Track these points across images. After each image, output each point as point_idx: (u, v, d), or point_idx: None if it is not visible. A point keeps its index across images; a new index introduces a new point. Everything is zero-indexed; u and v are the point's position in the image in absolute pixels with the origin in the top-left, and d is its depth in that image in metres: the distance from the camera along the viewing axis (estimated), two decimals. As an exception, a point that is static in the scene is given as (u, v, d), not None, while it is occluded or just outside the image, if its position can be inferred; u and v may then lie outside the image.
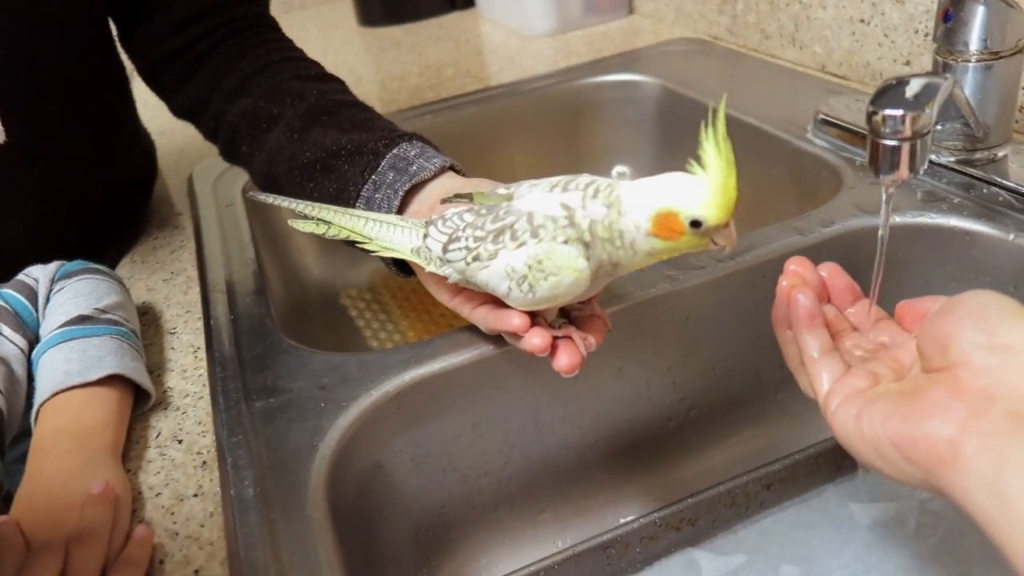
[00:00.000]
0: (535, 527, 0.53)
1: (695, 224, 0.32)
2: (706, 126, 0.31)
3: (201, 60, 0.58)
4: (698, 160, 0.32)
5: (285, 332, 0.53)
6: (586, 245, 0.35)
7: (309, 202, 0.43)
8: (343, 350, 0.73)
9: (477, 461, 0.50)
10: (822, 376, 0.34)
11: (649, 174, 0.35)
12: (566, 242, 0.35)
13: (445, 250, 0.39)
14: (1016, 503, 0.24)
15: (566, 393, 0.51)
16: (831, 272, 0.38)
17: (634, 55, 0.94)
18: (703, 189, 0.32)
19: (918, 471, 0.28)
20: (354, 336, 0.75)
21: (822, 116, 0.65)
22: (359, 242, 0.42)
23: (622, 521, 0.49)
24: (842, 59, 0.76)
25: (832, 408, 0.33)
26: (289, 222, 0.44)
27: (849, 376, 0.34)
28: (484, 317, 0.42)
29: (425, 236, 0.40)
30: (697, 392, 0.54)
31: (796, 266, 0.38)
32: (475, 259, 0.37)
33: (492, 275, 0.37)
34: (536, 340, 0.38)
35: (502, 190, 0.39)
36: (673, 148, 0.85)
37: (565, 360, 0.38)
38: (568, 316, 0.41)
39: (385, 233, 0.42)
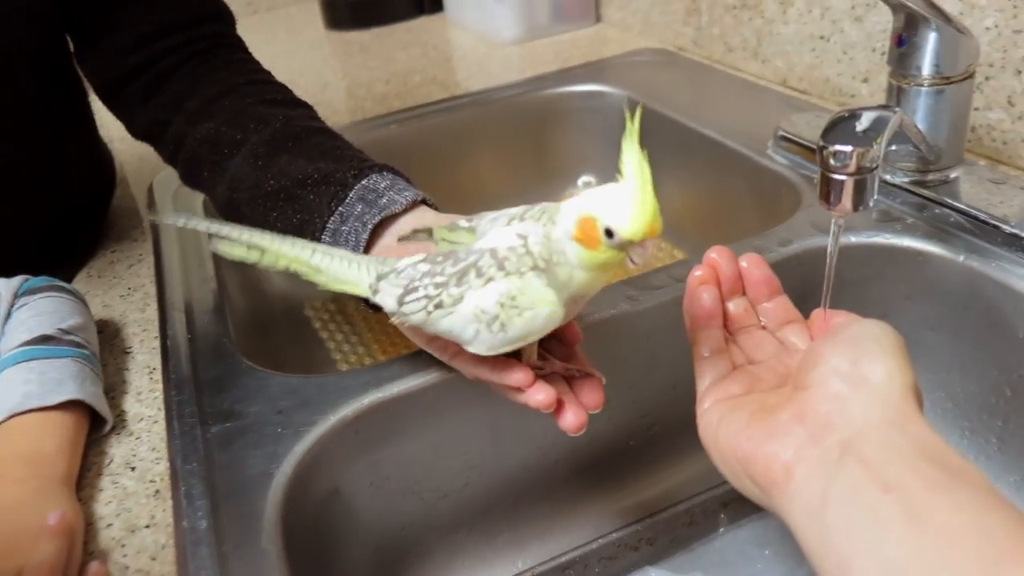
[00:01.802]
0: (494, 548, 0.53)
1: (609, 234, 0.31)
2: (625, 138, 0.30)
3: (162, 80, 0.56)
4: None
5: (245, 349, 0.53)
6: (543, 271, 0.34)
7: (235, 225, 0.39)
8: (307, 365, 0.74)
9: (437, 483, 0.50)
10: (705, 375, 0.35)
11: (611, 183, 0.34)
12: (533, 269, 0.34)
13: (401, 303, 0.37)
14: (833, 532, 0.25)
15: (526, 413, 0.51)
16: (750, 263, 0.38)
17: (601, 65, 0.95)
18: (620, 199, 0.31)
19: (757, 490, 0.29)
20: (318, 350, 0.75)
21: (782, 133, 0.66)
22: (307, 273, 0.39)
23: (581, 542, 0.50)
24: (803, 74, 0.77)
25: (703, 408, 0.33)
26: (213, 246, 0.40)
27: (728, 380, 0.34)
28: (475, 371, 0.39)
29: (375, 292, 0.38)
30: (658, 410, 0.55)
31: (715, 255, 0.38)
32: (437, 306, 0.35)
33: (457, 321, 0.35)
34: (541, 396, 0.36)
35: (464, 222, 0.38)
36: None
37: (572, 419, 0.36)
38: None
39: (337, 267, 0.39)
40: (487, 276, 0.35)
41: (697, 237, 0.77)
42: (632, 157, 0.30)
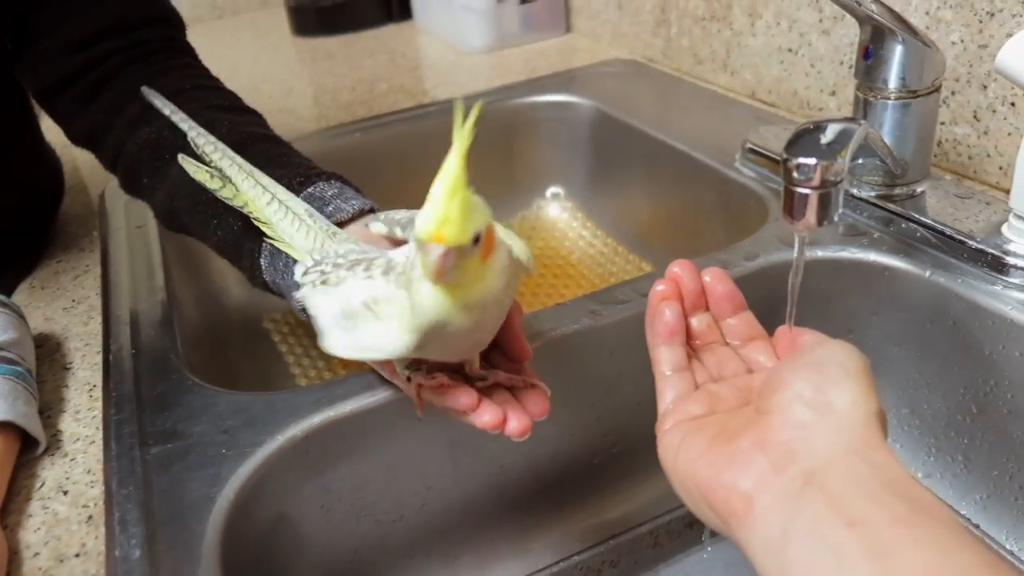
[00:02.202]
0: (453, 571, 0.51)
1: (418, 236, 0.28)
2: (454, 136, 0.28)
3: (102, 84, 0.53)
4: None
5: (194, 364, 0.50)
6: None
7: (211, 138, 0.38)
8: (263, 380, 0.71)
9: (392, 505, 0.48)
10: (666, 394, 0.34)
11: (584, 195, 0.33)
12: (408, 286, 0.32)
13: (305, 272, 0.36)
14: (795, 569, 0.24)
15: (486, 431, 0.49)
16: (714, 278, 0.37)
17: (570, 75, 0.94)
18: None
19: (716, 518, 0.28)
20: (276, 364, 0.72)
21: (750, 145, 0.65)
22: (256, 218, 0.38)
23: (544, 564, 0.48)
24: (771, 87, 0.77)
25: (664, 429, 0.32)
26: (180, 158, 0.38)
27: (689, 399, 0.33)
28: (421, 393, 0.38)
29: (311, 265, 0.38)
30: (621, 428, 0.53)
31: (678, 268, 0.36)
32: (323, 283, 0.35)
33: (323, 303, 0.34)
34: (487, 417, 0.35)
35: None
36: (606, 170, 0.85)
37: (515, 425, 0.35)
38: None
39: (287, 224, 0.37)
40: (371, 273, 0.34)
41: (664, 250, 0.76)
42: (450, 159, 0.28)
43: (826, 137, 0.36)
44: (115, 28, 0.54)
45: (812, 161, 0.34)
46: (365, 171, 0.87)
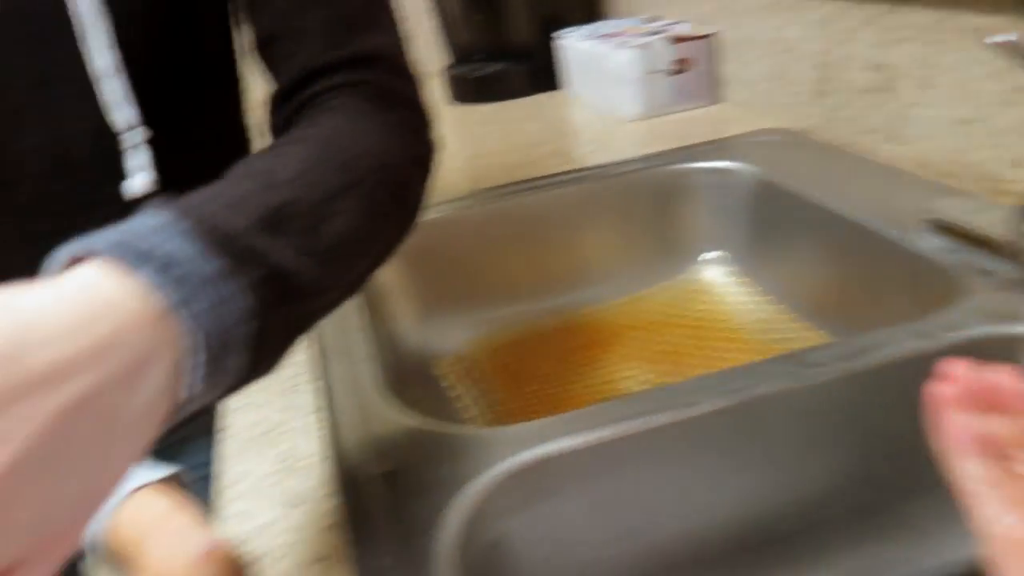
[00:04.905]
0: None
1: None
2: None
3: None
4: None
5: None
6: None
7: None
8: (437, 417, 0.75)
9: (587, 548, 0.49)
10: (986, 511, 0.31)
11: (745, 260, 0.33)
12: None
13: None
14: None
15: (684, 484, 0.50)
16: (1005, 375, 0.33)
17: (725, 143, 0.96)
18: None
19: None
20: (445, 408, 0.76)
21: (934, 217, 0.65)
22: None
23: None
24: (946, 158, 0.77)
25: (997, 552, 0.29)
26: None
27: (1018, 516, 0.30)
28: None
29: None
30: (813, 497, 0.53)
31: (955, 368, 0.33)
32: None
33: None
34: None
35: None
36: (768, 235, 0.86)
37: None
38: None
39: None
40: None
41: (838, 318, 0.76)
42: None
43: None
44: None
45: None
46: (523, 231, 0.91)
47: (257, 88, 0.56)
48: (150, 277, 0.28)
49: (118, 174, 0.53)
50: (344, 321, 0.65)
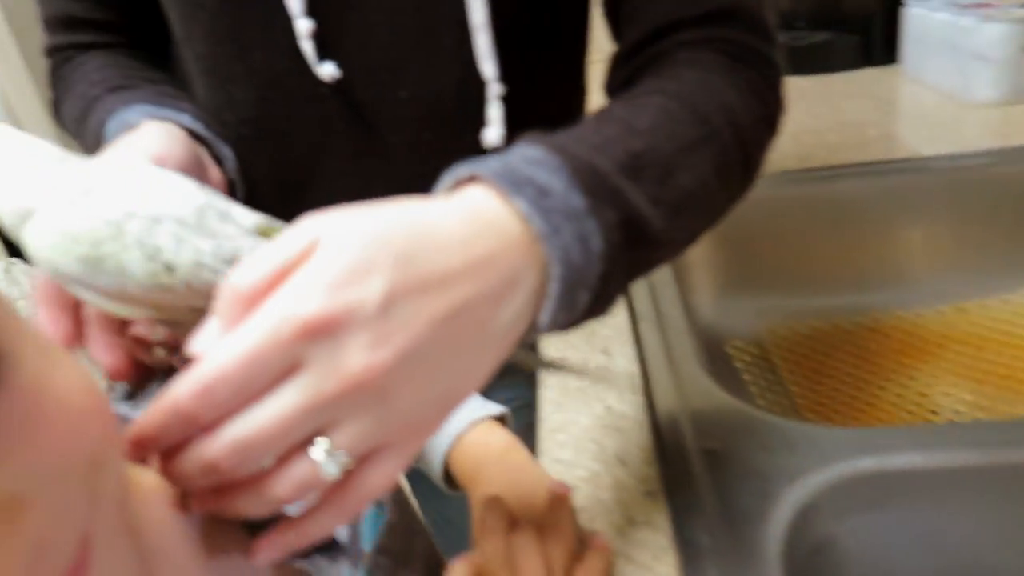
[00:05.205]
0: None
1: None
2: None
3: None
4: None
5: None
6: None
7: None
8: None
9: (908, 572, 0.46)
10: None
11: None
12: None
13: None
14: None
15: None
16: None
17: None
18: None
19: None
20: (739, 390, 0.74)
21: None
22: None
23: None
24: None
25: None
26: None
27: None
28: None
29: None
30: None
31: None
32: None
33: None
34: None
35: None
36: None
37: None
38: None
39: None
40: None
41: None
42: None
43: None
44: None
45: None
46: (844, 219, 0.85)
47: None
48: (526, 204, 0.30)
49: (478, 124, 0.57)
50: (653, 289, 0.66)
